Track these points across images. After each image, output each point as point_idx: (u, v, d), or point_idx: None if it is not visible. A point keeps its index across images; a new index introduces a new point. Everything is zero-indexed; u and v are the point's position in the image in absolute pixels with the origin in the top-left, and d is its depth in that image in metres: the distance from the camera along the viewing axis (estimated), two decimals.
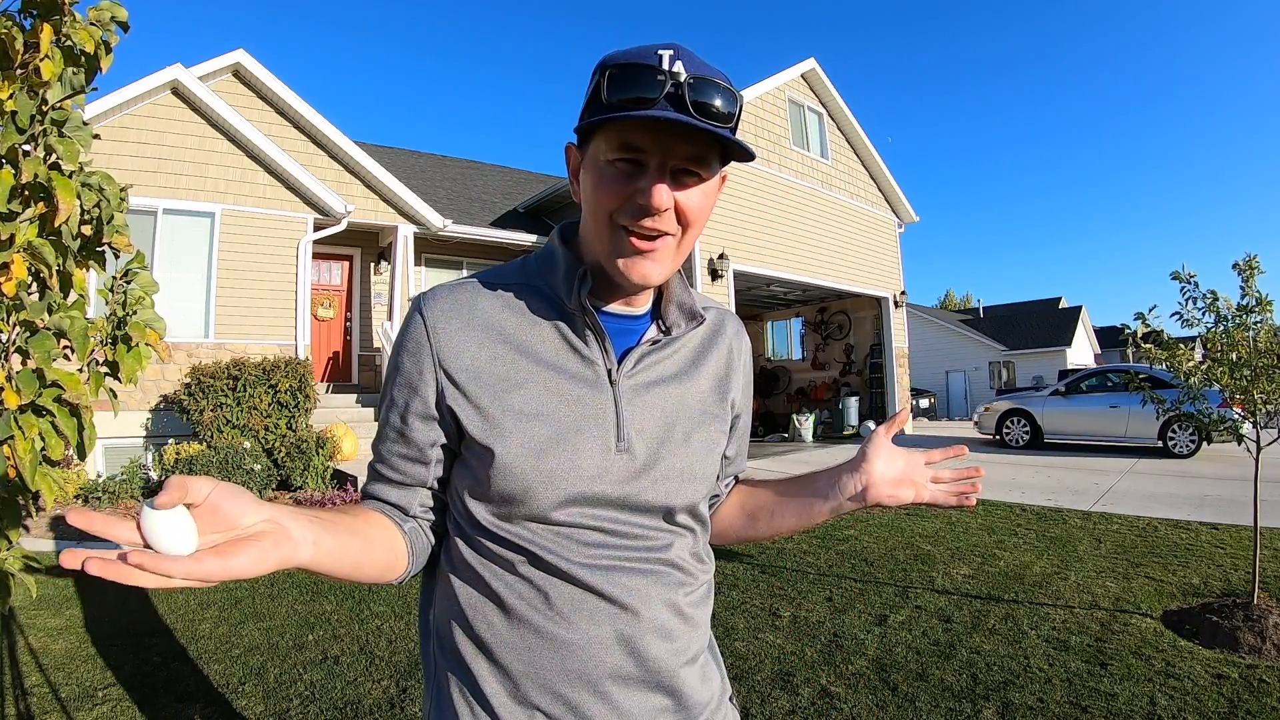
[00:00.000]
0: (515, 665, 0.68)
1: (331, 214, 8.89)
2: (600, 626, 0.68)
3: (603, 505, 0.70)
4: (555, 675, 0.68)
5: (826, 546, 4.94)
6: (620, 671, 0.69)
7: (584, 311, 0.70)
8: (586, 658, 0.68)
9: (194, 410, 7.15)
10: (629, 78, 0.62)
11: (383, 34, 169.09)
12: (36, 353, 1.07)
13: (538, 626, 0.68)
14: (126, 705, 2.62)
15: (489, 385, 0.69)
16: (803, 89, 12.37)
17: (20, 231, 1.01)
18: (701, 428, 0.77)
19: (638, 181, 0.64)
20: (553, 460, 0.67)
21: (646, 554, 0.72)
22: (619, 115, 0.61)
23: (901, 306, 14.18)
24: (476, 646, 0.70)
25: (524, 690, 0.68)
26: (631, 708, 0.70)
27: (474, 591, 0.71)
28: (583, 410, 0.70)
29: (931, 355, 28.41)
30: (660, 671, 0.71)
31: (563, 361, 0.71)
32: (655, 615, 0.71)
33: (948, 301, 58.71)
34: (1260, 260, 3.32)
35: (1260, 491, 3.57)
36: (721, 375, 0.82)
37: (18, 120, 1.01)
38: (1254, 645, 2.94)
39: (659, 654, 0.70)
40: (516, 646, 0.69)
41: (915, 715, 2.50)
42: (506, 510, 0.69)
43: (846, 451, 10.78)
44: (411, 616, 3.62)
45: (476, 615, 0.70)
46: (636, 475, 0.71)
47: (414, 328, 0.71)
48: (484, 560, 0.71)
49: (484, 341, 0.70)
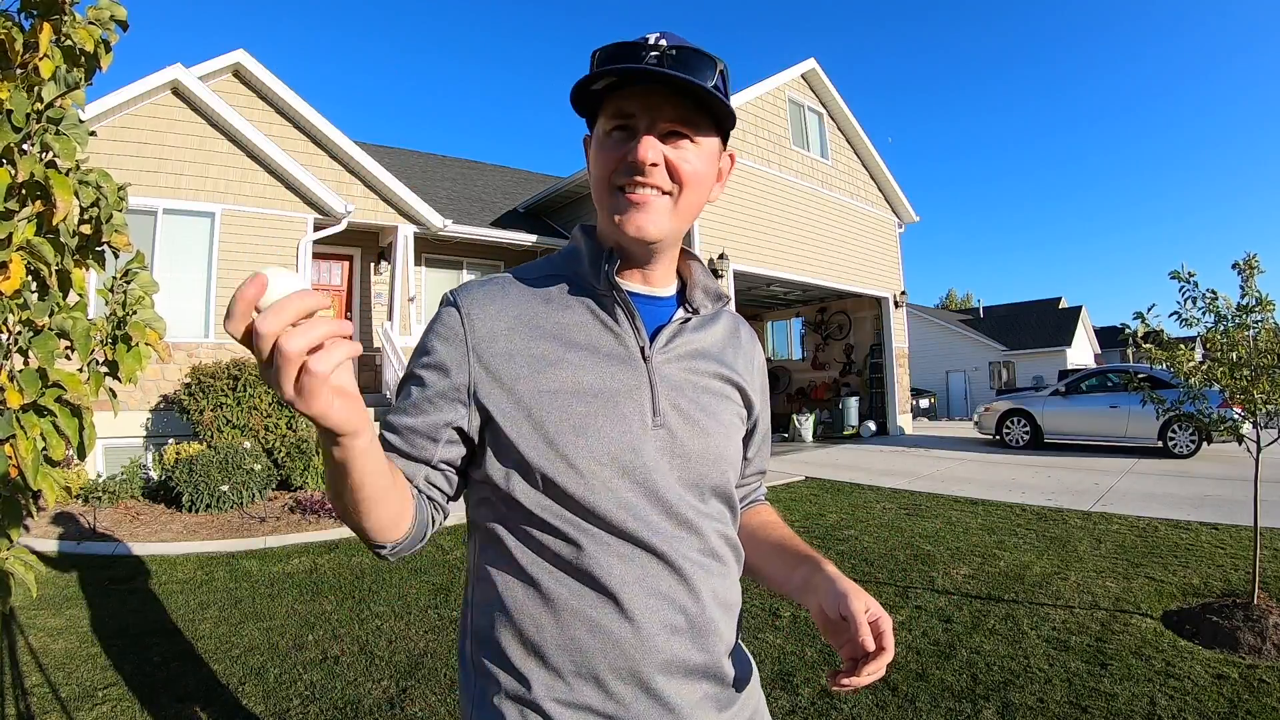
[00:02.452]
0: (565, 664, 0.68)
1: (331, 214, 8.89)
2: (652, 613, 0.69)
3: (643, 480, 0.70)
4: (606, 672, 0.68)
5: (827, 547, 4.94)
6: (674, 661, 0.70)
7: (613, 288, 0.73)
8: (639, 647, 0.68)
9: (194, 410, 7.15)
10: (616, 52, 0.67)
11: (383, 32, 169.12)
12: (40, 352, 1.07)
13: (586, 616, 0.68)
14: (126, 705, 2.61)
15: (525, 368, 0.71)
16: (803, 89, 12.37)
17: (18, 230, 1.01)
18: (726, 411, 0.80)
19: (629, 143, 0.69)
20: (592, 437, 0.69)
21: (688, 534, 0.73)
22: (598, 71, 0.67)
23: (901, 306, 14.17)
24: (522, 646, 0.70)
25: (575, 690, 0.68)
26: (680, 700, 0.70)
27: (518, 584, 0.71)
28: (618, 386, 0.72)
29: (931, 355, 28.40)
30: (708, 660, 0.72)
31: (595, 340, 0.74)
32: (705, 599, 0.72)
33: (948, 301, 58.69)
34: (1260, 260, 3.32)
35: (1260, 491, 3.56)
36: (741, 373, 0.84)
37: (13, 118, 1.01)
38: (1254, 645, 2.93)
39: (710, 641, 0.72)
40: (565, 643, 0.68)
41: (915, 715, 2.50)
42: (549, 491, 0.69)
43: (846, 451, 10.84)
44: (412, 617, 3.62)
45: (521, 611, 0.70)
46: (672, 451, 0.73)
47: (448, 316, 0.73)
48: (527, 549, 0.71)
49: (517, 327, 0.72)
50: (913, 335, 17.36)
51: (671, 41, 0.67)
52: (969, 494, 6.85)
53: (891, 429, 13.61)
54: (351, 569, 4.48)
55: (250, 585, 4.16)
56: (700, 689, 0.72)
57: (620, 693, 0.68)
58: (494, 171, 15.34)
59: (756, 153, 11.04)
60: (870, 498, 6.86)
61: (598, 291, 0.75)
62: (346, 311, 10.46)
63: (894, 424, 13.61)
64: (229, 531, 5.50)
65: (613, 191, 0.71)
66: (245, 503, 6.24)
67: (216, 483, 6.10)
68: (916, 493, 7.04)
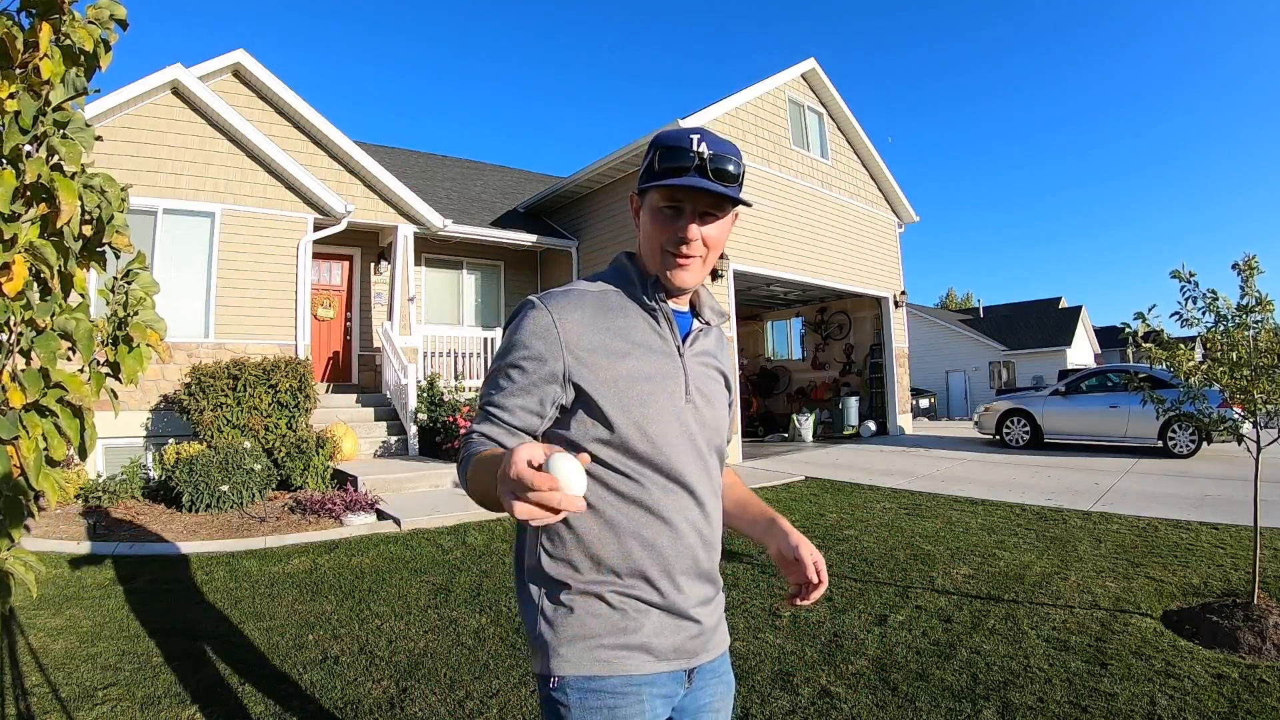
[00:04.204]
0: (622, 568, 0.98)
1: (331, 214, 8.89)
2: (687, 531, 1.02)
3: (689, 439, 1.03)
4: (653, 570, 0.99)
5: (827, 546, 4.94)
6: (694, 566, 1.03)
7: (661, 306, 1.06)
8: (676, 555, 1.00)
9: (194, 410, 7.15)
10: (672, 155, 0.98)
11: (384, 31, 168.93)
12: (42, 353, 1.07)
13: (640, 535, 0.98)
14: (126, 705, 2.62)
15: (605, 357, 0.99)
16: (803, 89, 12.36)
17: (22, 232, 1.01)
18: (721, 393, 1.14)
19: (678, 222, 1.00)
20: (653, 407, 1.00)
21: (706, 478, 1.06)
22: (668, 182, 0.98)
23: (901, 306, 14.17)
24: (588, 558, 0.98)
25: (628, 585, 0.99)
26: (693, 593, 1.04)
27: (587, 514, 0.97)
28: (666, 373, 1.03)
29: (931, 355, 28.41)
30: (710, 566, 1.07)
31: (649, 341, 1.04)
32: (714, 522, 1.08)
33: (948, 301, 58.69)
34: (1260, 260, 3.33)
35: (1260, 491, 3.57)
36: (726, 367, 1.18)
37: (20, 121, 1.01)
38: (1254, 645, 2.94)
39: (713, 554, 1.08)
40: (623, 554, 0.98)
41: (915, 715, 2.50)
42: (621, 445, 0.98)
43: (846, 451, 10.84)
44: (412, 617, 3.62)
45: (589, 533, 0.98)
46: (699, 420, 1.05)
47: (541, 317, 0.99)
48: (595, 487, 0.97)
49: (594, 328, 1.00)
50: (913, 335, 17.36)
51: (710, 146, 0.98)
52: (969, 494, 6.86)
53: (891, 429, 13.61)
54: (351, 569, 4.48)
55: (250, 585, 4.16)
56: (702, 589, 1.06)
57: (662, 586, 1.00)
58: (494, 171, 15.34)
59: (756, 153, 11.03)
60: (870, 497, 6.86)
61: (646, 304, 1.05)
62: (347, 311, 10.46)
63: (894, 424, 13.62)
64: (229, 531, 5.50)
65: (664, 253, 1.02)
66: (245, 503, 6.24)
67: (216, 483, 6.11)
68: (916, 492, 7.04)
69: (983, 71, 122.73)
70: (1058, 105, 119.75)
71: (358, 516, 5.79)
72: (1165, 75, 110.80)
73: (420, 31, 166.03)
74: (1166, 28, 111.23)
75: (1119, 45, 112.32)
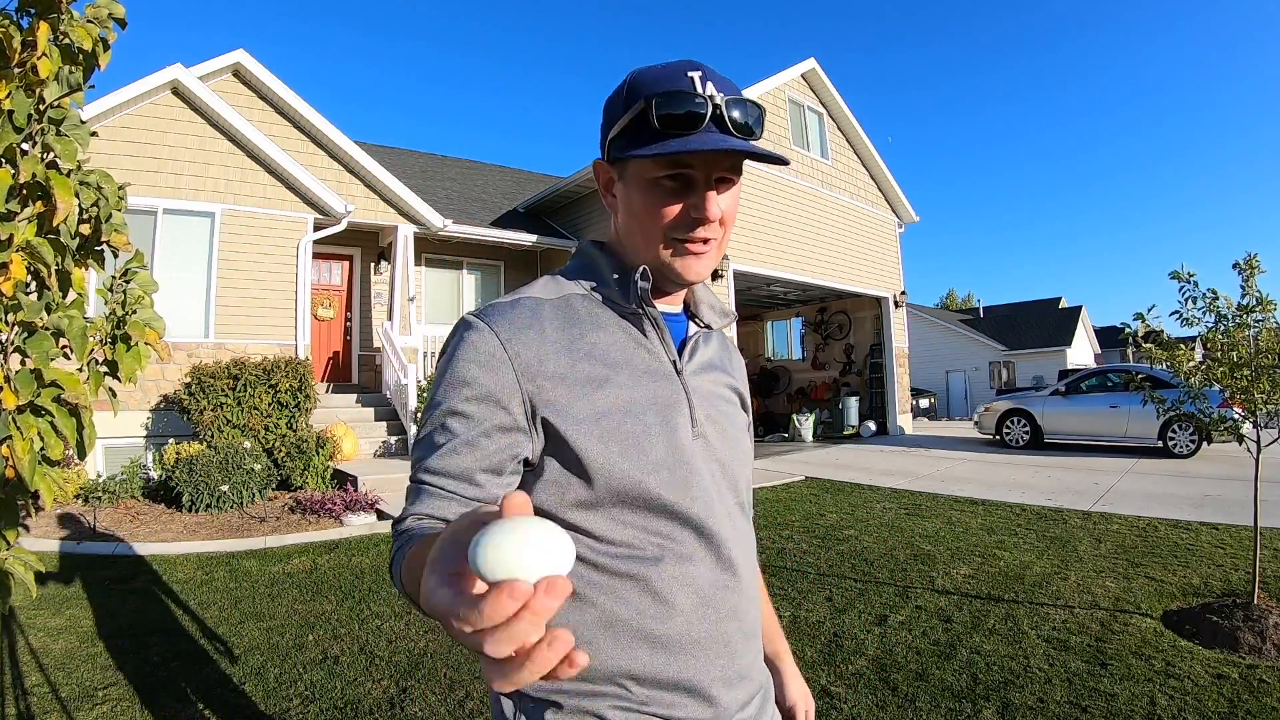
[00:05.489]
0: (625, 673, 0.70)
1: (331, 214, 8.89)
2: (714, 624, 0.73)
3: (698, 489, 0.74)
4: (672, 676, 0.71)
5: (826, 546, 4.94)
6: (731, 661, 0.74)
7: (646, 309, 0.76)
8: (700, 646, 0.72)
9: (194, 410, 7.15)
10: (674, 104, 0.68)
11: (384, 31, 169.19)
12: (34, 353, 1.07)
13: (648, 629, 0.70)
14: (126, 705, 2.61)
15: (577, 389, 0.70)
16: (803, 89, 12.36)
17: (19, 231, 1.01)
18: (740, 418, 0.87)
19: (688, 197, 0.72)
20: (653, 452, 0.71)
21: (734, 532, 0.78)
22: (687, 145, 0.67)
23: (901, 306, 14.16)
24: None
25: (637, 695, 0.70)
26: (731, 700, 0.75)
27: (577, 614, 0.70)
28: (664, 400, 0.74)
29: (931, 355, 28.39)
30: (755, 661, 0.80)
31: (631, 357, 0.75)
32: (752, 597, 0.79)
33: (948, 301, 58.66)
34: (1260, 259, 3.32)
35: (1260, 491, 3.56)
36: (739, 380, 0.90)
37: (14, 119, 1.01)
38: (1254, 645, 2.93)
39: (753, 645, 0.79)
40: (625, 656, 0.70)
41: (915, 715, 2.50)
42: (616, 506, 0.70)
43: (846, 451, 10.83)
44: (412, 617, 3.61)
45: (581, 634, 0.70)
46: (710, 457, 0.77)
47: (484, 342, 0.69)
48: (589, 573, 0.70)
49: (560, 349, 0.71)
50: (913, 335, 17.35)
51: (720, 87, 0.70)
52: (969, 494, 6.85)
53: (891, 429, 13.60)
54: (351, 569, 4.48)
55: (250, 585, 4.16)
56: (742, 693, 0.79)
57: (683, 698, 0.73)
58: (494, 171, 15.34)
59: None
60: (870, 497, 6.86)
61: (625, 309, 0.77)
62: (347, 311, 10.46)
63: (894, 424, 13.61)
64: (229, 531, 5.50)
65: (669, 240, 0.74)
66: (245, 503, 6.24)
67: (216, 483, 6.10)
68: (916, 492, 7.04)
69: (983, 72, 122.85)
70: (1058, 105, 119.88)
71: (358, 516, 5.79)
72: (1166, 75, 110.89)
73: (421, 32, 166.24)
74: (1168, 27, 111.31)
75: (1120, 46, 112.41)
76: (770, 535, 5.33)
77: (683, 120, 0.68)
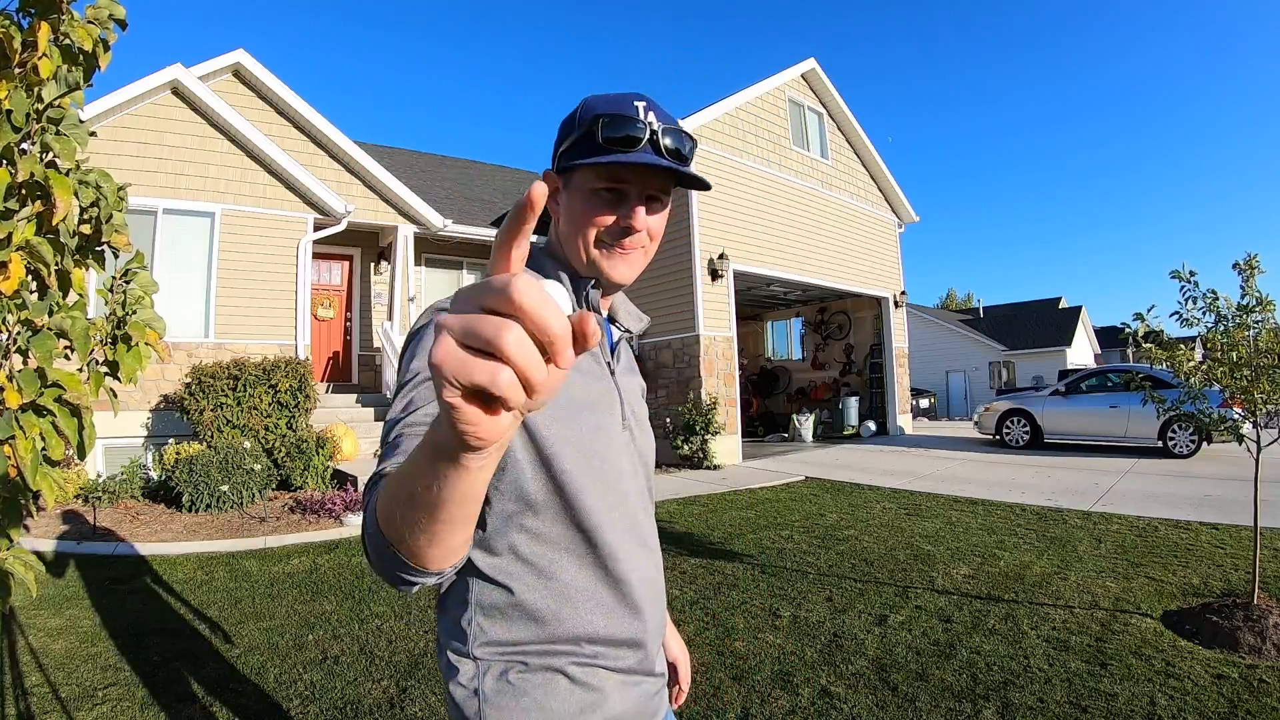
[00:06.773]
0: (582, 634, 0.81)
1: (331, 214, 8.89)
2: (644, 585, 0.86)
3: (630, 476, 0.87)
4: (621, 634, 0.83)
5: (826, 546, 4.94)
6: (658, 617, 0.89)
7: (595, 314, 0.80)
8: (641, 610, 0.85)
9: (194, 410, 7.15)
10: (618, 125, 0.79)
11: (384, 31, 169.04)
12: (38, 352, 1.07)
13: (600, 597, 0.82)
14: (126, 705, 2.61)
15: None
16: (803, 89, 12.36)
17: (18, 230, 1.01)
18: (645, 410, 0.99)
19: (620, 208, 0.82)
20: (600, 443, 0.82)
21: (649, 513, 0.93)
22: (625, 158, 0.78)
23: (901, 306, 14.16)
24: (544, 630, 0.80)
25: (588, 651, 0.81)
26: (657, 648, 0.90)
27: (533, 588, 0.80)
28: (605, 399, 0.86)
29: (931, 355, 28.41)
30: (663, 619, 0.93)
31: (580, 359, 0.74)
32: (660, 573, 0.92)
33: (948, 301, 58.68)
34: (1261, 259, 3.32)
35: (1260, 491, 3.56)
36: (641, 380, 1.02)
37: (13, 118, 1.01)
38: (1254, 645, 2.94)
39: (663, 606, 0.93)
40: (581, 621, 0.81)
41: (915, 715, 2.50)
42: (577, 493, 0.79)
43: (846, 451, 10.83)
44: (412, 617, 3.61)
45: (541, 606, 0.79)
46: (636, 448, 0.90)
47: None
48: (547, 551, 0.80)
49: None
50: (913, 335, 17.36)
51: (661, 119, 0.81)
52: (969, 494, 6.85)
53: (891, 429, 13.60)
54: (351, 569, 4.48)
55: (250, 585, 4.16)
56: (659, 641, 0.93)
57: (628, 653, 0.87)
58: (494, 171, 15.34)
59: (756, 153, 11.03)
60: (870, 498, 6.86)
61: None
62: (347, 311, 10.46)
63: (894, 424, 13.61)
64: (229, 531, 5.50)
65: (600, 243, 0.83)
66: (245, 503, 6.24)
67: (216, 483, 6.10)
68: (916, 493, 7.04)
69: (983, 71, 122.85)
70: (1058, 105, 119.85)
71: (358, 516, 5.79)
72: (1166, 73, 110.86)
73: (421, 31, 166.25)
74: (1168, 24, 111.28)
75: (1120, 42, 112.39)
76: (770, 535, 5.34)
77: (623, 140, 0.78)
